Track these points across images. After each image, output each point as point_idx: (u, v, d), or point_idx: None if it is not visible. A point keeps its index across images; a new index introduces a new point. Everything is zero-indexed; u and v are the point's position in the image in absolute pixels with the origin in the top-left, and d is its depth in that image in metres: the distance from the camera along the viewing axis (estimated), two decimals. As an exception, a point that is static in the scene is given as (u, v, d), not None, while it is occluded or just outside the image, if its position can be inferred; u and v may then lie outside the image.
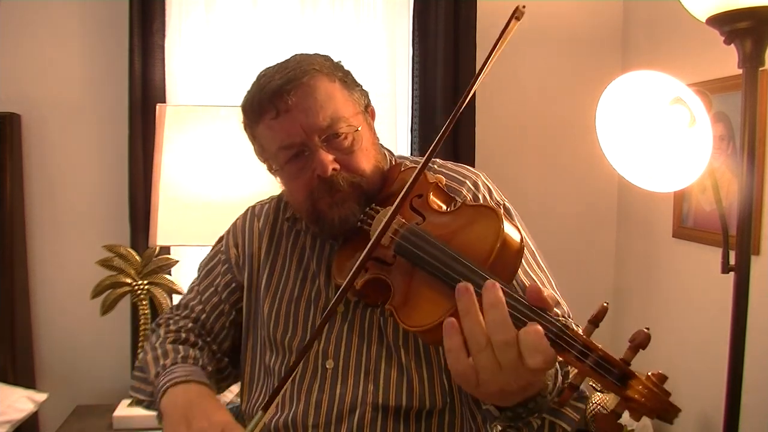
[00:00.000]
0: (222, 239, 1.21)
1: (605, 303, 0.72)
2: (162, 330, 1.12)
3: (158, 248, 2.08)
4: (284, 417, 1.02)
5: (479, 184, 1.08)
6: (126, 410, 2.02)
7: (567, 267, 2.56)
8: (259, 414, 0.79)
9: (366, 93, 1.08)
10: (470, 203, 0.92)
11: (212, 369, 1.08)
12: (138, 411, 1.92)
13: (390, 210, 0.88)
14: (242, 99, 1.02)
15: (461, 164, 1.14)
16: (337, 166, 0.97)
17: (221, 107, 2.02)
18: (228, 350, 1.16)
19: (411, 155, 1.23)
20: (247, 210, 1.22)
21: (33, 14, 2.29)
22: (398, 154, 1.16)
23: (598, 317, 0.72)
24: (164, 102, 2.24)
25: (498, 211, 0.83)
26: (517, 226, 0.85)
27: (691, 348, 2.15)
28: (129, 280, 2.07)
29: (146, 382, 1.05)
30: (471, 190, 1.07)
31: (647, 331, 0.69)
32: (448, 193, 1.00)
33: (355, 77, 1.07)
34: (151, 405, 1.05)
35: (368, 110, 1.07)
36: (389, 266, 0.91)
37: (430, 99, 2.40)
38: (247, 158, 1.13)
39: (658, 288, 2.38)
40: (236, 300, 1.15)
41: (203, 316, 1.14)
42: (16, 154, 2.27)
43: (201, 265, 1.21)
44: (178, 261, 2.15)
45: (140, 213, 2.23)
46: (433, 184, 0.97)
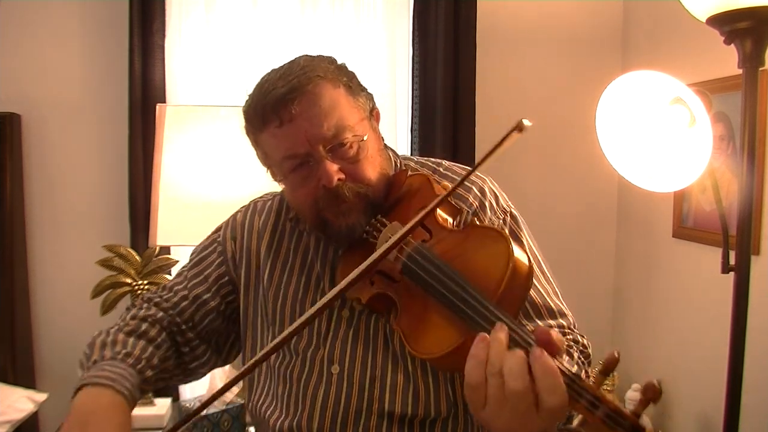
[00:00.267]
0: (219, 229, 1.18)
1: (616, 353, 0.72)
2: (131, 313, 1.09)
3: (158, 248, 2.08)
4: (289, 421, 1.01)
5: (486, 191, 1.07)
6: (126, 410, 2.02)
7: (567, 267, 2.56)
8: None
9: (371, 96, 1.05)
10: (479, 224, 0.91)
11: (154, 373, 1.02)
12: (138, 411, 1.91)
13: (397, 226, 0.88)
14: (244, 104, 1.00)
15: (467, 167, 1.12)
16: (343, 176, 0.96)
17: (221, 107, 2.01)
18: (211, 335, 1.13)
19: (412, 155, 1.22)
20: (249, 205, 1.19)
21: (33, 14, 2.29)
22: (402, 155, 1.15)
23: (609, 368, 0.71)
24: (164, 102, 2.24)
25: (507, 238, 0.82)
26: (525, 249, 0.84)
27: (691, 348, 2.15)
28: (129, 280, 2.07)
29: (87, 362, 1.01)
30: (477, 197, 1.05)
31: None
32: (455, 206, 0.99)
33: (360, 79, 1.04)
34: None
35: (373, 114, 1.06)
36: (396, 283, 0.90)
37: (430, 99, 2.40)
38: (247, 158, 1.12)
39: (658, 288, 2.38)
40: (227, 293, 1.13)
41: (184, 303, 1.11)
42: (16, 154, 2.27)
43: (194, 251, 1.18)
44: (178, 261, 2.15)
45: (140, 213, 2.23)
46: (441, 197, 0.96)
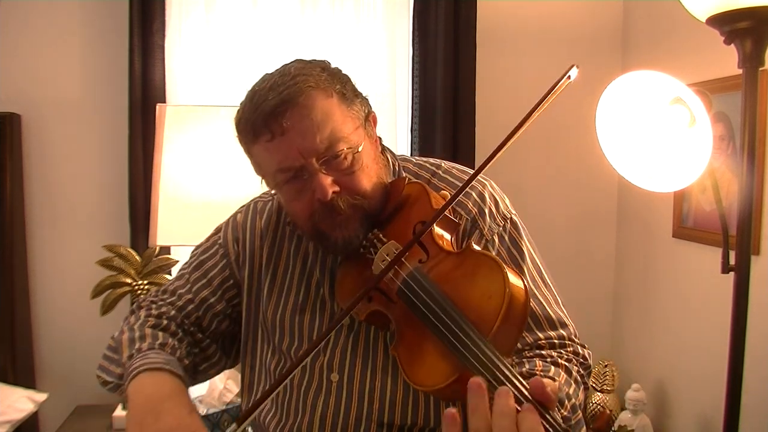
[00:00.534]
0: (219, 231, 1.16)
1: (608, 411, 0.73)
2: (143, 312, 1.08)
3: (158, 248, 2.08)
4: (289, 427, 1.01)
5: (485, 196, 1.05)
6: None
7: (567, 267, 2.57)
8: (233, 427, 0.78)
9: (366, 101, 1.02)
10: (477, 249, 0.89)
11: (190, 362, 1.03)
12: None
13: (395, 245, 0.89)
14: (235, 115, 0.98)
15: (467, 169, 1.11)
16: (337, 189, 0.93)
17: (221, 107, 2.01)
18: (218, 337, 1.12)
19: (411, 155, 1.21)
20: (248, 205, 1.18)
21: (33, 14, 2.29)
22: (401, 155, 1.13)
23: (601, 427, 0.73)
24: (164, 102, 2.24)
25: (504, 271, 0.80)
26: (522, 276, 0.83)
27: (691, 347, 2.15)
28: (129, 280, 2.07)
29: (116, 363, 1.00)
30: (477, 204, 1.04)
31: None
32: (453, 219, 0.97)
33: (355, 84, 1.01)
34: (117, 388, 1.01)
35: (369, 119, 1.02)
36: (393, 303, 0.90)
37: (430, 99, 2.40)
38: (247, 158, 1.12)
39: (658, 288, 2.38)
40: (232, 296, 1.12)
41: (191, 307, 1.09)
42: (16, 154, 2.27)
43: (195, 254, 1.15)
44: (178, 261, 2.15)
45: (140, 213, 2.23)
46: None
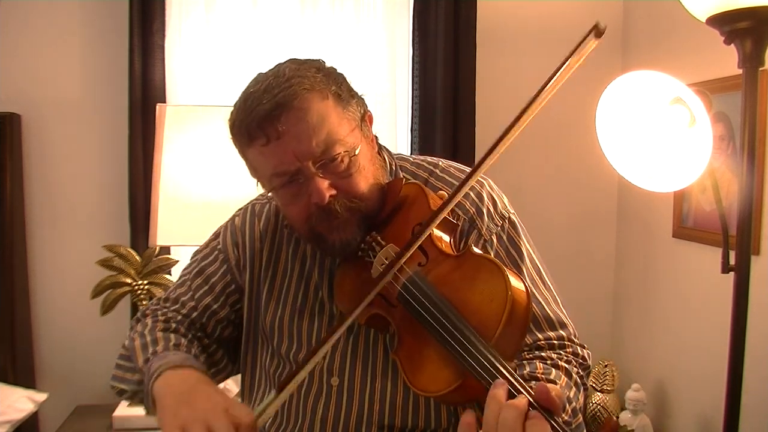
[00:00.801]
0: (218, 235, 1.15)
1: (615, 417, 0.74)
2: (149, 320, 1.07)
3: (158, 248, 2.08)
4: (290, 430, 1.01)
5: (483, 196, 1.04)
6: (126, 410, 2.02)
7: (567, 267, 2.57)
8: (272, 394, 0.78)
9: (362, 101, 1.00)
10: (477, 252, 0.89)
11: (203, 361, 1.03)
12: (138, 411, 1.92)
13: (393, 248, 0.89)
14: (229, 117, 0.97)
15: (465, 168, 1.10)
16: (334, 192, 0.93)
17: (221, 107, 2.01)
18: (224, 344, 1.12)
19: (411, 155, 1.20)
20: (246, 208, 1.17)
21: (33, 14, 2.29)
22: (398, 154, 1.13)
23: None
24: (164, 102, 2.24)
25: (504, 274, 0.80)
26: (522, 278, 0.83)
27: (691, 347, 2.15)
28: (129, 280, 2.07)
29: (132, 371, 1.00)
30: (474, 203, 1.03)
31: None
32: (451, 220, 0.96)
33: (351, 83, 1.00)
34: (135, 396, 1.00)
35: (365, 119, 1.01)
36: (393, 307, 0.90)
37: (430, 99, 2.40)
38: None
39: (658, 288, 2.38)
40: (234, 302, 1.11)
41: (195, 314, 1.09)
42: (16, 154, 2.27)
43: (195, 259, 1.15)
44: (178, 261, 2.15)
45: (140, 213, 2.23)
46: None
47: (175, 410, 0.82)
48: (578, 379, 0.97)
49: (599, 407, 2.29)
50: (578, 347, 1.02)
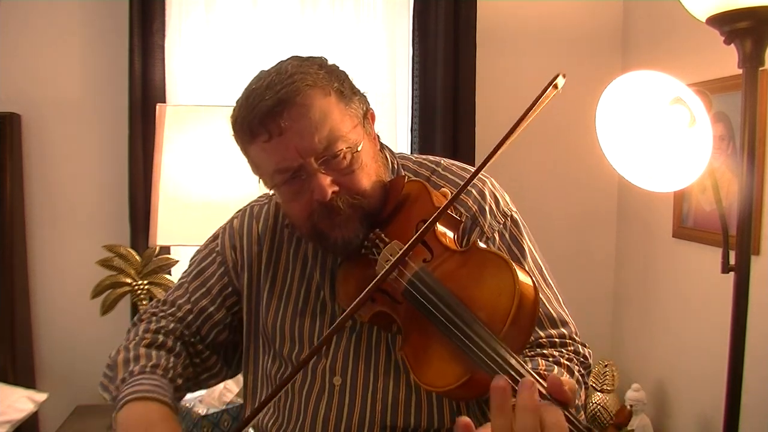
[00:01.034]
0: (217, 237, 1.15)
1: (629, 406, 0.72)
2: (142, 327, 1.07)
3: (158, 248, 2.08)
4: (291, 429, 1.01)
5: (486, 194, 1.04)
6: (126, 410, 2.02)
7: (567, 267, 2.57)
8: None
9: (364, 98, 1.01)
10: (483, 247, 0.88)
11: (183, 381, 1.03)
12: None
13: (397, 245, 0.88)
14: (231, 114, 0.96)
15: (467, 167, 1.10)
16: (336, 189, 0.92)
17: (221, 107, 2.01)
18: (218, 348, 1.12)
19: (412, 154, 1.19)
20: (244, 210, 1.17)
21: (33, 14, 2.30)
22: (399, 153, 1.13)
23: (622, 423, 0.72)
24: (164, 102, 2.25)
25: (512, 268, 0.80)
26: (528, 272, 0.82)
27: (691, 347, 2.15)
28: (129, 280, 2.07)
29: (113, 383, 1.01)
30: (477, 201, 1.03)
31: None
32: (454, 216, 0.96)
33: (353, 80, 1.00)
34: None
35: (367, 116, 1.01)
36: (398, 304, 0.89)
37: (430, 99, 2.40)
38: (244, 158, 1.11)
39: (658, 288, 2.38)
40: (232, 304, 1.11)
41: (190, 318, 1.09)
42: (16, 154, 2.27)
43: (194, 262, 1.15)
44: (178, 261, 2.15)
45: (140, 213, 2.23)
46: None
47: None
48: (579, 377, 0.97)
49: (599, 407, 2.29)
50: (579, 346, 1.02)
